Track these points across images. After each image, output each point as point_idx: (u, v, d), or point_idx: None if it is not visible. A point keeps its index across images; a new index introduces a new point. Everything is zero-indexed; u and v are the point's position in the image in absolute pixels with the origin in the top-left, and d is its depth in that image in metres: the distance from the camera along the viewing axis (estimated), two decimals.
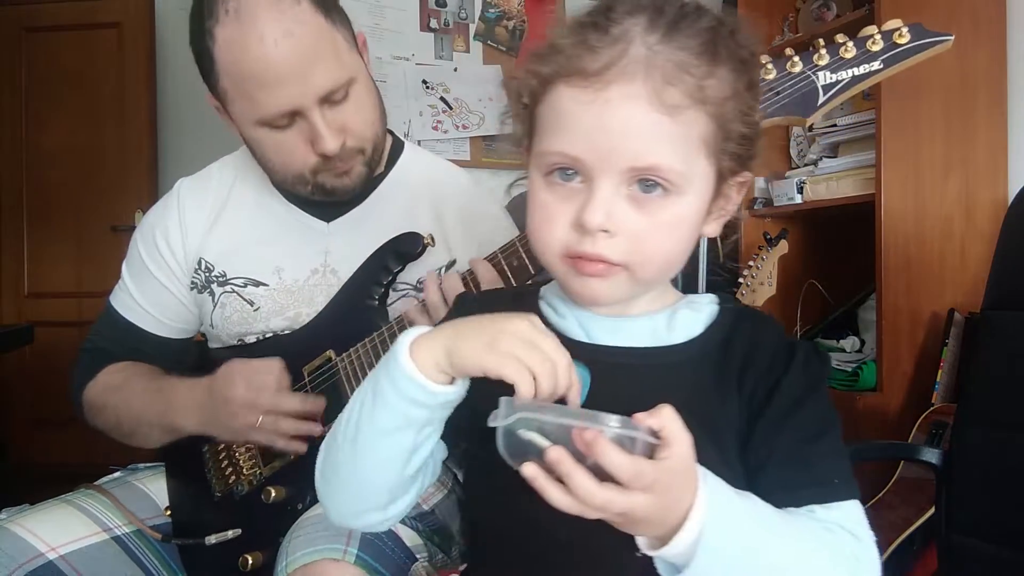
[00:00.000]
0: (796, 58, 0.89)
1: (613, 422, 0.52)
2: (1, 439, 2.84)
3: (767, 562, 0.58)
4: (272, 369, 1.02)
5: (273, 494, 1.02)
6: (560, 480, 0.52)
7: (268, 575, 0.86)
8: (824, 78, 0.88)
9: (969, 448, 1.29)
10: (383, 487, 0.66)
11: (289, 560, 0.82)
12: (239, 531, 1.05)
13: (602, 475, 0.52)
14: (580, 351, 0.66)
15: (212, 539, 1.04)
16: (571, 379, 0.59)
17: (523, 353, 0.58)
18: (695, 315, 0.70)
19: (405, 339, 0.62)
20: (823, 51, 0.88)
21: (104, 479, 1.16)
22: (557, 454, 0.52)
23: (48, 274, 3.35)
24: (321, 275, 1.11)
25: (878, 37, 0.87)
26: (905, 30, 0.86)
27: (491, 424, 0.56)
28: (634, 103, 0.59)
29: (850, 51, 0.87)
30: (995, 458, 1.25)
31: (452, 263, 1.09)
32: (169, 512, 1.13)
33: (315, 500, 0.92)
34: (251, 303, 1.12)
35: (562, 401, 0.59)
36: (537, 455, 0.53)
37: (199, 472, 1.12)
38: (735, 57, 0.63)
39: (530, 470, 0.53)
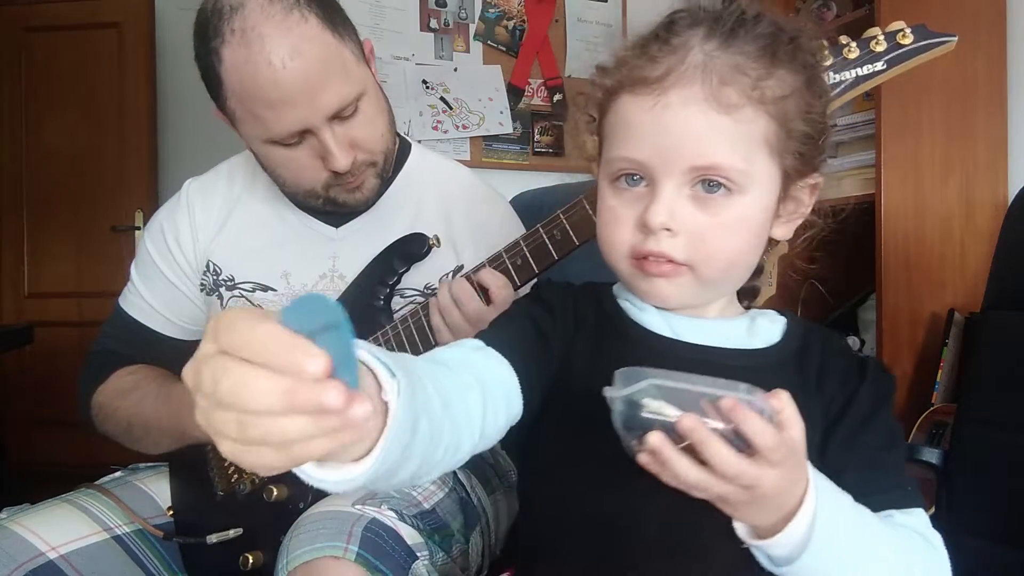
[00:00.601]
0: None
1: (743, 390, 0.51)
2: (1, 439, 2.83)
3: (870, 557, 0.59)
4: None
5: (275, 493, 1.02)
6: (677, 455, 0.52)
7: (269, 575, 0.86)
8: (828, 79, 0.87)
9: (969, 448, 1.28)
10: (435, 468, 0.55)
11: (290, 558, 0.81)
12: (240, 530, 1.05)
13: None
14: (664, 347, 0.67)
15: (213, 538, 1.04)
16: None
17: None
18: (772, 324, 0.71)
19: None
20: (826, 52, 0.88)
21: (105, 479, 1.16)
22: (692, 421, 0.51)
23: (48, 274, 3.34)
24: (329, 280, 1.11)
25: (881, 38, 0.87)
26: (909, 31, 0.87)
27: (610, 394, 0.53)
28: (693, 105, 0.61)
29: (853, 52, 0.88)
30: (995, 458, 1.25)
31: (459, 268, 1.09)
32: (171, 512, 1.13)
33: (316, 499, 0.92)
34: (259, 308, 1.11)
35: None
36: (663, 427, 0.52)
37: (202, 471, 1.12)
38: (795, 60, 0.64)
39: (656, 439, 0.52)
